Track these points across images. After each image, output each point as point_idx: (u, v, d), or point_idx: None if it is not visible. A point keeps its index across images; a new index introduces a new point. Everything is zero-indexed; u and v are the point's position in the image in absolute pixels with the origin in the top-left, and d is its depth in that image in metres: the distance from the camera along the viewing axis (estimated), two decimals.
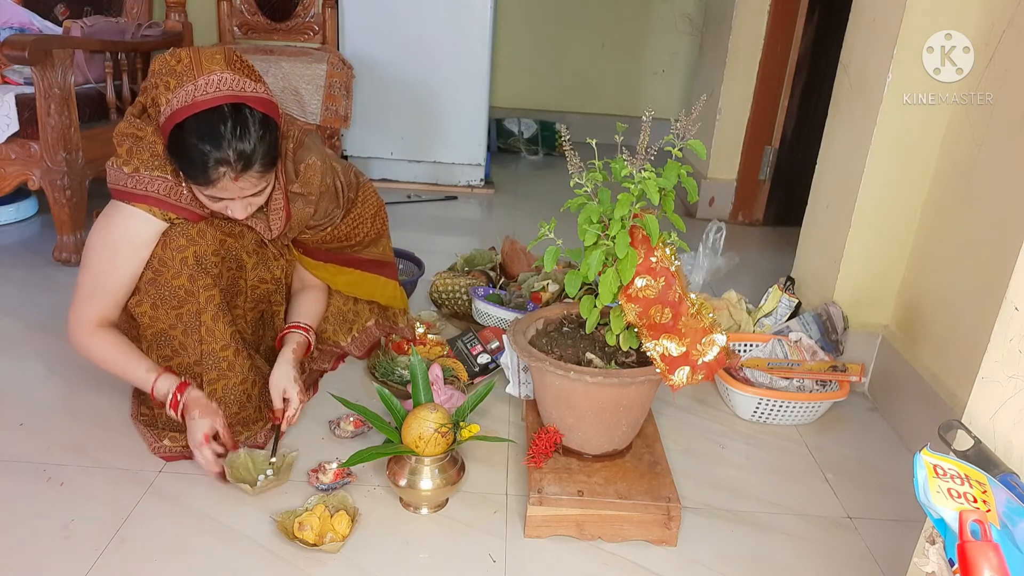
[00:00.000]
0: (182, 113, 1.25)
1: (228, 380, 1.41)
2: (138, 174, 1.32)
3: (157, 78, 1.30)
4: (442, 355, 1.77)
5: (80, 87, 2.33)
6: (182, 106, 1.25)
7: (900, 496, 1.45)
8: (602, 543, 1.28)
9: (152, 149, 1.33)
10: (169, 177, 1.33)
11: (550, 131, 4.11)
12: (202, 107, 1.24)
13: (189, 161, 1.26)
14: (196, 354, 1.39)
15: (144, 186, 1.32)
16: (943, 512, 0.75)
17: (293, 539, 1.21)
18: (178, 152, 1.28)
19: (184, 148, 1.26)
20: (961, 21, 1.55)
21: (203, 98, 1.25)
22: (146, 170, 1.32)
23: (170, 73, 1.28)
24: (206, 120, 1.25)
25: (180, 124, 1.25)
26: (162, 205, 1.33)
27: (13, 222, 2.59)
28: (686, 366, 1.25)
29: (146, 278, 1.37)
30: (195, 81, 1.26)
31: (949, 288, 1.60)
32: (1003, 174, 1.44)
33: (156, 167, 1.32)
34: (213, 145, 1.23)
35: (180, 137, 1.26)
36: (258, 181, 1.31)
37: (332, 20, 3.12)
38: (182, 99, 1.25)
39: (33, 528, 1.23)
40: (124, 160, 1.33)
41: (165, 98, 1.28)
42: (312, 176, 1.47)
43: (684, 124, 1.24)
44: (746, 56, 2.90)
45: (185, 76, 1.27)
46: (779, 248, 2.78)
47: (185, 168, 1.28)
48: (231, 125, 1.25)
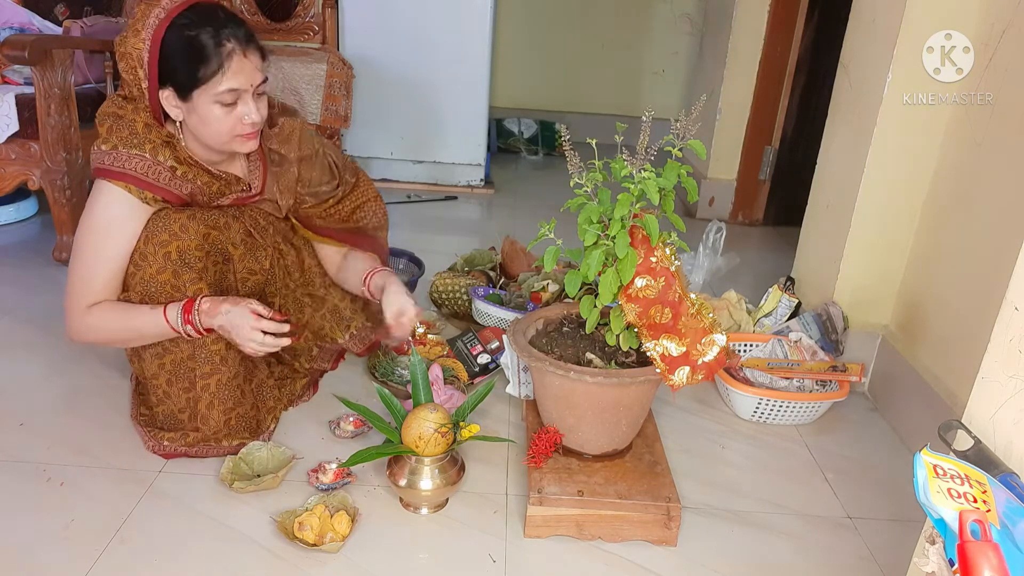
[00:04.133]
0: (163, 24, 1.27)
1: (222, 374, 1.40)
2: (116, 151, 1.31)
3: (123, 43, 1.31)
4: (442, 355, 1.77)
5: (80, 87, 2.33)
6: (159, 21, 1.28)
7: (900, 496, 1.45)
8: (602, 543, 1.28)
9: (131, 127, 1.32)
10: (147, 156, 1.32)
11: (550, 131, 4.11)
12: (180, 8, 1.28)
13: (195, 52, 1.28)
14: (188, 348, 1.38)
15: (122, 163, 1.32)
16: (943, 512, 0.75)
17: (293, 539, 1.21)
18: (179, 55, 1.28)
19: (184, 44, 1.28)
20: (961, 21, 1.55)
21: (174, 4, 1.29)
22: (124, 147, 1.32)
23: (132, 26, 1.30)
24: (196, 13, 1.29)
25: (168, 31, 1.27)
26: (139, 183, 1.32)
27: (13, 222, 2.59)
28: (686, 366, 1.25)
29: (129, 272, 1.36)
30: (159, 3, 1.29)
31: (949, 288, 1.60)
32: (1003, 174, 1.44)
33: (134, 145, 1.32)
34: (213, 27, 1.28)
35: (175, 40, 1.28)
36: (261, 64, 1.35)
37: (332, 20, 3.12)
38: (155, 18, 1.28)
39: (33, 528, 1.23)
40: (104, 139, 1.33)
41: (139, 39, 1.28)
42: (290, 134, 1.49)
43: (684, 124, 1.24)
44: (746, 56, 2.91)
45: (148, 10, 1.29)
46: (779, 248, 2.78)
47: (187, 68, 1.29)
48: (221, 12, 1.31)
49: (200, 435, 1.41)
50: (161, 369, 1.40)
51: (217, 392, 1.40)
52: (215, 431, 1.41)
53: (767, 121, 2.98)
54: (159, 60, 1.29)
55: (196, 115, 1.33)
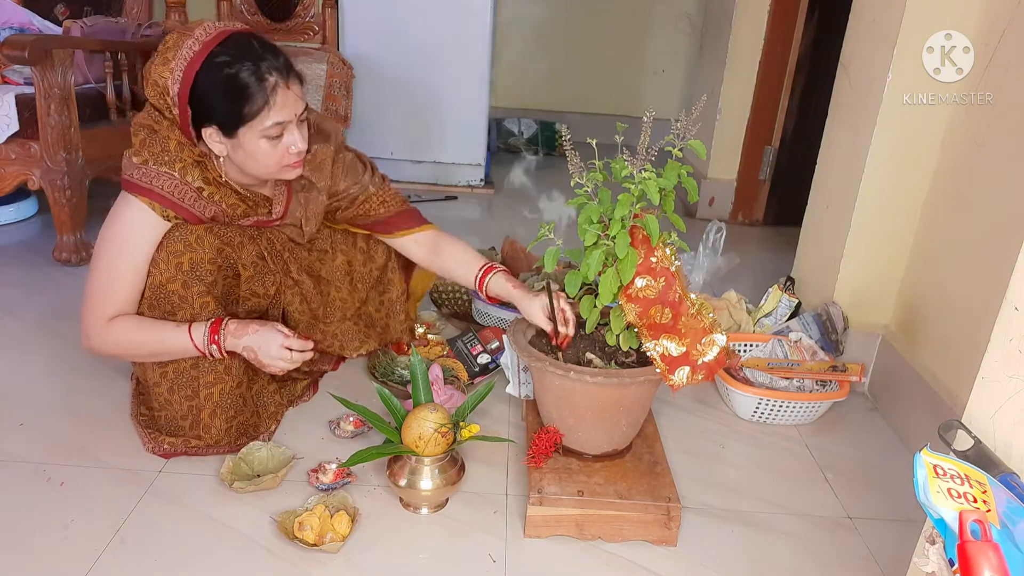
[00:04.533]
0: (198, 58, 1.24)
1: (225, 384, 1.40)
2: (146, 167, 1.31)
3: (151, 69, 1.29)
4: (442, 355, 1.78)
5: (80, 87, 2.33)
6: (193, 55, 1.25)
7: (900, 496, 1.45)
8: (602, 543, 1.28)
9: (164, 144, 1.32)
10: (176, 175, 1.32)
11: (550, 131, 4.11)
12: (212, 44, 1.25)
13: (238, 91, 1.25)
14: (192, 358, 1.38)
15: (150, 180, 1.31)
16: (943, 512, 0.75)
17: (293, 539, 1.21)
18: (220, 94, 1.26)
19: (225, 83, 1.25)
20: (961, 21, 1.55)
21: (209, 38, 1.26)
22: (155, 164, 1.31)
23: (162, 53, 1.27)
24: (233, 47, 1.26)
25: (204, 68, 1.25)
26: (164, 202, 1.32)
27: (13, 222, 2.59)
28: (686, 366, 1.25)
29: None
30: (192, 35, 1.26)
31: (949, 288, 1.60)
32: (1003, 174, 1.44)
33: (165, 163, 1.31)
34: (253, 60, 1.25)
35: (214, 79, 1.25)
36: (302, 92, 1.32)
37: (332, 20, 3.12)
38: (189, 50, 1.25)
39: (33, 528, 1.23)
40: (135, 151, 1.33)
41: (168, 69, 1.26)
42: (322, 162, 1.49)
43: (684, 124, 1.24)
44: (746, 56, 2.91)
45: (179, 40, 1.26)
46: (779, 248, 2.78)
47: (231, 105, 1.26)
48: (257, 43, 1.28)
49: (202, 443, 1.41)
50: (163, 378, 1.39)
51: (220, 401, 1.40)
52: (216, 439, 1.41)
53: (767, 121, 2.98)
54: (195, 97, 1.27)
55: (242, 150, 1.32)
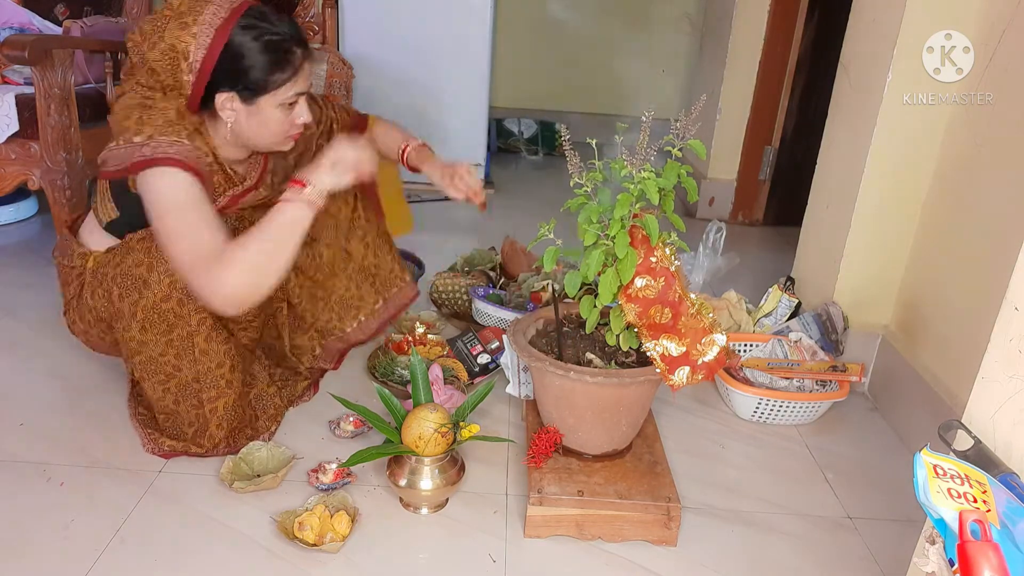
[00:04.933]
0: (227, 24, 1.27)
1: (227, 398, 1.40)
2: (153, 140, 1.25)
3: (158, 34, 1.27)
4: (442, 355, 1.78)
5: (80, 87, 2.32)
6: (221, 21, 1.27)
7: (900, 496, 1.45)
8: (602, 543, 1.28)
9: (164, 116, 1.28)
10: (185, 141, 1.27)
11: (550, 131, 4.11)
12: (240, 10, 1.28)
13: (272, 58, 1.28)
14: (193, 372, 1.36)
15: (163, 150, 1.25)
16: (943, 512, 0.75)
17: (293, 539, 1.21)
18: (246, 60, 1.28)
19: (254, 48, 1.27)
20: (961, 21, 1.55)
21: (235, 5, 1.28)
22: (160, 135, 1.26)
23: (175, 18, 1.27)
24: (259, 17, 1.29)
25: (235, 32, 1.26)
26: (183, 167, 1.26)
27: (13, 222, 2.59)
28: (686, 366, 1.25)
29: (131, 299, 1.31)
30: (210, 4, 1.28)
31: (949, 288, 1.60)
32: (1003, 174, 1.44)
33: (171, 132, 1.27)
34: (280, 29, 1.30)
35: (247, 45, 1.27)
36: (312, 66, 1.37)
37: (332, 20, 3.11)
38: (215, 17, 1.27)
39: (33, 528, 1.23)
40: (135, 131, 1.26)
41: (189, 34, 1.26)
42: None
43: (684, 124, 1.24)
44: (746, 56, 2.91)
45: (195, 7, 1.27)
46: (779, 248, 2.78)
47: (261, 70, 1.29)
48: (274, 15, 1.32)
49: (201, 451, 1.42)
50: (166, 393, 1.38)
51: (224, 414, 1.40)
52: (214, 445, 1.41)
53: (767, 121, 2.98)
54: (221, 62, 1.27)
55: (257, 118, 1.33)
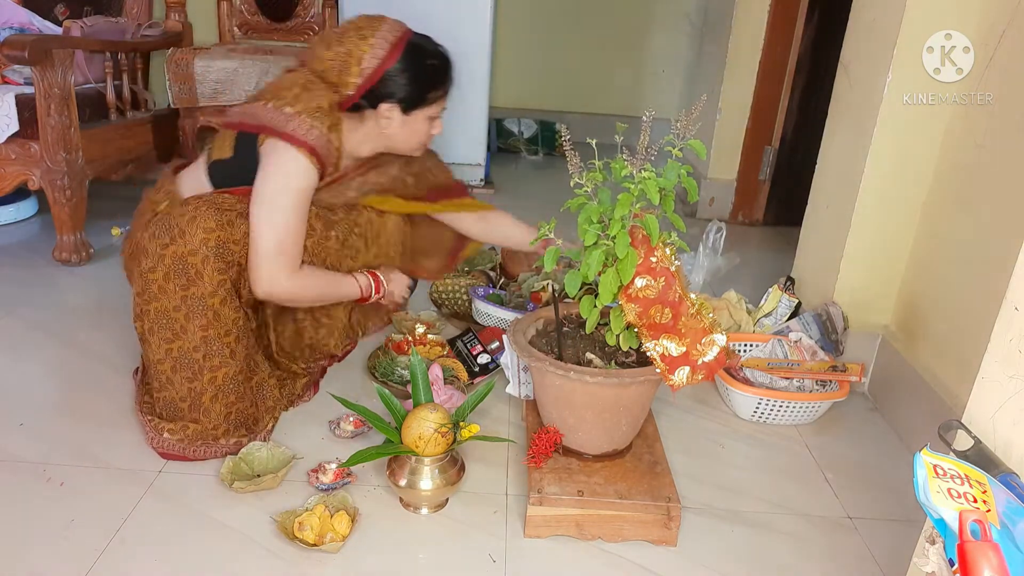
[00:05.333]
0: (401, 42, 1.48)
1: (229, 368, 1.41)
2: (300, 117, 1.43)
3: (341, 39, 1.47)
4: (442, 355, 1.77)
5: (80, 87, 2.33)
6: (395, 39, 1.48)
7: (900, 496, 1.45)
8: (602, 543, 1.28)
9: (318, 102, 1.45)
10: (324, 131, 1.44)
11: (550, 131, 4.10)
12: (409, 34, 1.51)
13: (435, 77, 1.54)
14: (196, 339, 1.37)
15: (304, 132, 1.43)
16: (943, 512, 0.75)
17: (293, 539, 1.21)
18: (418, 77, 1.50)
19: (425, 69, 1.52)
20: (961, 21, 1.55)
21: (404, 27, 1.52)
22: (308, 116, 1.43)
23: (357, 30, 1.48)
24: (421, 43, 1.52)
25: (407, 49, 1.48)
26: (315, 154, 1.44)
27: (13, 222, 2.59)
28: (686, 366, 1.25)
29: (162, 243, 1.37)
30: (385, 22, 1.50)
31: (949, 288, 1.60)
32: (1003, 174, 1.44)
33: (316, 118, 1.44)
34: (439, 56, 1.55)
35: (416, 63, 1.49)
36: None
37: (332, 20, 3.12)
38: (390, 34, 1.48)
39: (33, 528, 1.23)
40: (289, 102, 1.43)
41: (368, 44, 1.46)
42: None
43: (684, 124, 1.24)
44: (746, 56, 2.90)
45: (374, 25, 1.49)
46: (779, 248, 2.78)
47: (427, 88, 1.53)
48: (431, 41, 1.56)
49: (199, 427, 1.40)
50: (167, 355, 1.39)
51: (223, 385, 1.41)
52: (215, 424, 1.41)
53: (767, 121, 2.98)
54: (389, 74, 1.47)
55: (409, 127, 1.55)
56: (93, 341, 1.82)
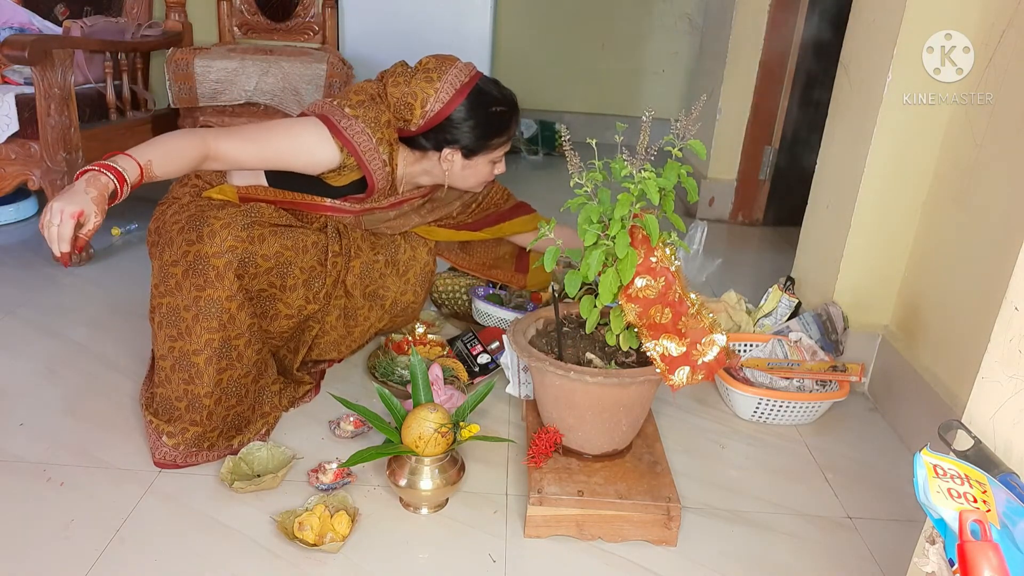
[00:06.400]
0: (466, 88, 1.51)
1: (236, 370, 1.41)
2: (355, 120, 1.46)
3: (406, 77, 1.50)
4: (442, 355, 1.77)
5: (80, 87, 2.33)
6: (461, 85, 1.50)
7: (900, 496, 1.45)
8: (602, 543, 1.28)
9: (378, 115, 1.48)
10: (374, 141, 1.47)
11: (550, 131, 4.10)
12: (476, 79, 1.52)
13: (497, 127, 1.55)
14: (200, 343, 1.36)
15: (352, 133, 1.45)
16: (943, 512, 0.75)
17: (293, 539, 1.21)
18: (482, 125, 1.52)
19: (484, 115, 1.52)
20: (961, 21, 1.55)
21: (472, 72, 1.53)
22: (363, 123, 1.46)
23: (423, 71, 1.51)
24: (486, 88, 1.54)
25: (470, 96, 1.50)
26: (353, 152, 1.46)
27: (13, 222, 2.59)
28: (686, 366, 1.25)
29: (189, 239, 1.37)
30: (455, 65, 1.52)
31: (949, 288, 1.60)
32: (1003, 174, 1.44)
33: (372, 128, 1.47)
34: (503, 104, 1.55)
35: (479, 110, 1.51)
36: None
37: (332, 20, 3.12)
38: (456, 79, 1.50)
39: (33, 528, 1.23)
40: (352, 105, 1.47)
41: (432, 88, 1.49)
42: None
43: (684, 124, 1.24)
44: (746, 56, 2.90)
45: (441, 67, 1.51)
46: (779, 248, 2.78)
47: (486, 131, 1.54)
48: (497, 84, 1.58)
49: (199, 430, 1.39)
50: (170, 352, 1.37)
51: (227, 387, 1.40)
52: (214, 427, 1.40)
53: (767, 121, 2.98)
54: (452, 120, 1.51)
55: (470, 170, 1.59)
56: (93, 341, 1.82)
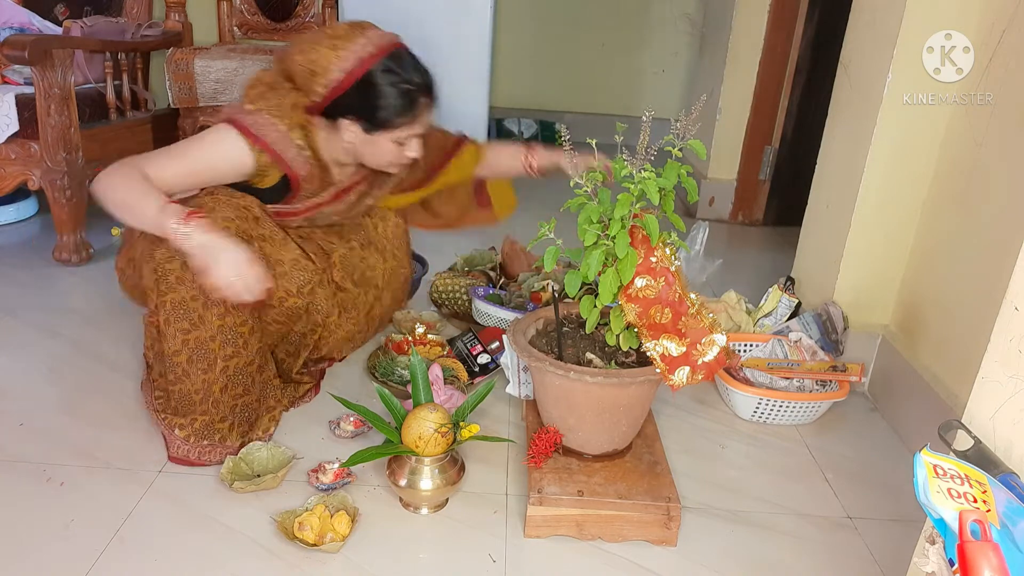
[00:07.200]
0: (371, 59, 1.40)
1: (241, 358, 1.41)
2: (259, 113, 1.41)
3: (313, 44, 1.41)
4: (442, 355, 1.77)
5: (80, 87, 2.33)
6: (367, 55, 1.40)
7: (900, 496, 1.45)
8: (602, 543, 1.28)
9: (280, 100, 1.42)
10: (283, 128, 1.41)
11: (550, 131, 4.10)
12: (387, 51, 1.41)
13: (394, 100, 1.41)
14: (213, 328, 1.36)
15: (258, 127, 1.41)
16: (943, 512, 0.75)
17: (293, 539, 1.21)
18: (383, 99, 1.41)
19: (392, 93, 1.41)
20: (961, 21, 1.55)
21: (384, 42, 1.42)
22: (268, 114, 1.41)
23: (331, 38, 1.41)
24: (396, 62, 1.42)
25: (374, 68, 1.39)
26: (264, 147, 1.41)
27: (13, 222, 2.59)
28: (686, 366, 1.25)
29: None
30: (364, 34, 1.41)
31: (949, 288, 1.60)
32: (1003, 174, 1.44)
33: (277, 116, 1.41)
34: (410, 81, 1.42)
35: (382, 84, 1.40)
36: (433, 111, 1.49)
37: (332, 20, 3.12)
38: (362, 49, 1.40)
39: (33, 528, 1.23)
40: (250, 100, 1.43)
41: (336, 55, 1.39)
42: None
43: (684, 124, 1.24)
44: (746, 56, 2.90)
45: (349, 36, 1.41)
46: (779, 248, 2.78)
47: (388, 110, 1.42)
48: (414, 61, 1.45)
49: (207, 419, 1.39)
50: (184, 346, 1.36)
51: (233, 375, 1.40)
52: (222, 416, 1.40)
53: (767, 121, 2.98)
54: (353, 92, 1.40)
55: (371, 147, 1.47)
56: (93, 341, 1.82)
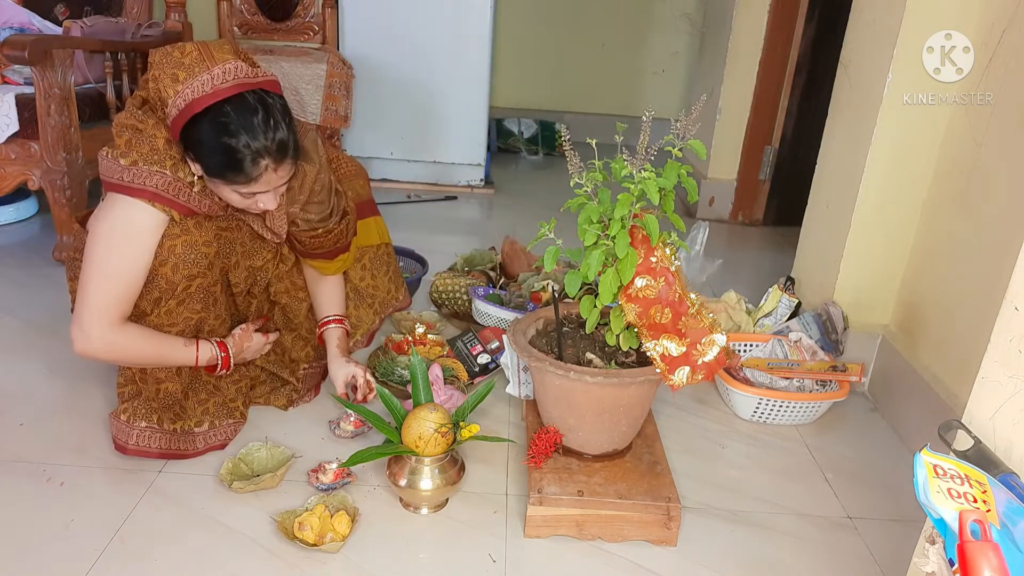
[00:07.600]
0: (201, 103, 1.20)
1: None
2: (136, 167, 1.27)
3: (160, 70, 1.24)
4: (442, 355, 1.77)
5: (80, 87, 2.32)
6: (201, 95, 1.21)
7: (900, 496, 1.45)
8: (602, 543, 1.28)
9: (152, 143, 1.28)
10: (167, 172, 1.28)
11: (550, 131, 4.11)
12: (224, 95, 1.21)
13: (223, 158, 1.22)
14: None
15: (142, 180, 1.27)
16: (943, 512, 0.75)
17: (293, 539, 1.21)
18: (206, 149, 1.23)
19: (214, 144, 1.22)
20: (961, 21, 1.55)
21: (224, 87, 1.21)
22: (144, 164, 1.27)
23: (176, 65, 1.23)
24: (238, 112, 1.21)
25: (199, 117, 1.21)
26: (161, 200, 1.28)
27: (13, 222, 2.59)
28: (686, 366, 1.25)
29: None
30: (210, 71, 1.22)
31: (949, 288, 1.60)
32: (1003, 174, 1.44)
33: (155, 161, 1.27)
34: (251, 137, 1.21)
35: (205, 132, 1.22)
36: (290, 169, 1.30)
37: (332, 20, 3.12)
38: (198, 89, 1.21)
39: (33, 528, 1.23)
40: (122, 152, 1.28)
41: (173, 90, 1.22)
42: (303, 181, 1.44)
43: (684, 124, 1.24)
44: (746, 56, 2.90)
45: (196, 67, 1.22)
46: (779, 248, 2.78)
47: (216, 165, 1.24)
48: (263, 115, 1.22)
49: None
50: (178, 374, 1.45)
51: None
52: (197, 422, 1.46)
53: (767, 121, 2.98)
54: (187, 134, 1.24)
55: (216, 188, 1.30)
56: None
